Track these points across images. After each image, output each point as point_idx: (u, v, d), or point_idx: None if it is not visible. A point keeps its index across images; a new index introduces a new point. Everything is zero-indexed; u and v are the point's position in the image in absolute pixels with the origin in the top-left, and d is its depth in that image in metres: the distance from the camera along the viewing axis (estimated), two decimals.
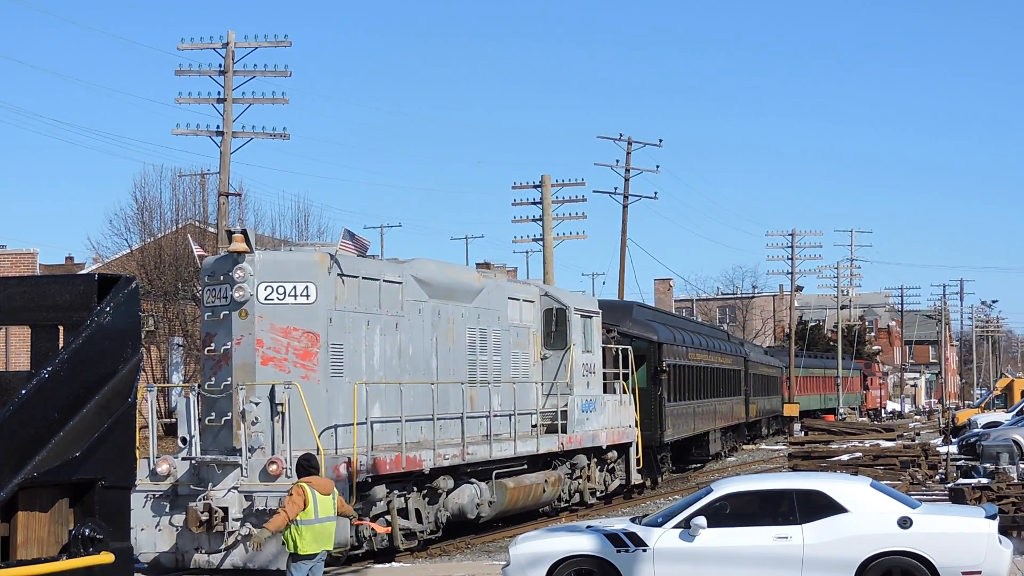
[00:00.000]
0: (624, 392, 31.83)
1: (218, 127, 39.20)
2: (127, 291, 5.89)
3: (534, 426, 27.37)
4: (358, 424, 20.42)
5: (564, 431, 27.83)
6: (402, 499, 21.96)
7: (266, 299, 20.23)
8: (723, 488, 15.85)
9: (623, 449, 31.88)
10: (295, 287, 20.41)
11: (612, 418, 30.74)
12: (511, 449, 25.34)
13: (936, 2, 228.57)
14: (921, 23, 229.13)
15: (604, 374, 31.10)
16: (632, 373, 32.27)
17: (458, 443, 23.40)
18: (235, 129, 39.13)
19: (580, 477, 29.40)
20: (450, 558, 23.29)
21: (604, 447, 30.10)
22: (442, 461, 22.47)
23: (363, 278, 21.73)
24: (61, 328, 5.86)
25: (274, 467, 19.28)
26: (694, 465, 45.41)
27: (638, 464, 32.53)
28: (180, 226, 51.31)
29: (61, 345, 5.79)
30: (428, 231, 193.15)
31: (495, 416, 25.37)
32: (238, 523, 19.51)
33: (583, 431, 28.83)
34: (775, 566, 14.89)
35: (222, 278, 20.33)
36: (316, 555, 14.40)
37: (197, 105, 39.75)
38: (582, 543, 15.55)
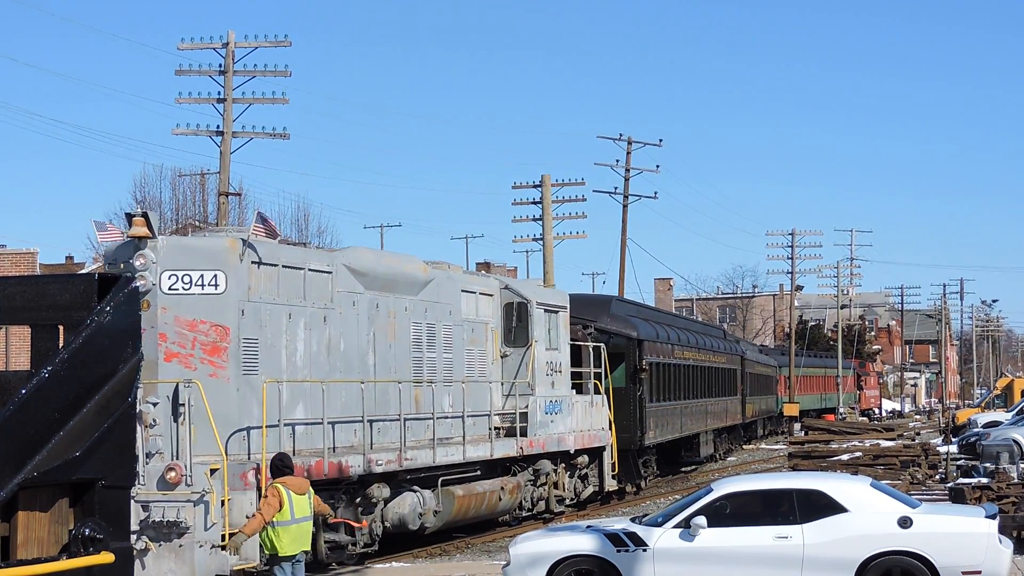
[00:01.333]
0: (597, 392, 30.04)
1: (218, 127, 39.19)
2: (127, 291, 5.89)
3: (493, 429, 25.34)
4: (272, 426, 18.53)
5: (524, 434, 25.88)
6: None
7: (170, 289, 18.32)
8: (723, 488, 15.84)
9: (597, 453, 30.05)
10: (202, 276, 18.50)
11: (582, 420, 28.85)
12: (459, 454, 23.36)
13: (936, 3, 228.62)
14: (921, 23, 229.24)
15: (575, 373, 29.26)
16: (605, 372, 30.37)
17: (396, 447, 21.51)
18: (235, 129, 39.12)
19: (545, 484, 27.48)
20: (450, 558, 23.29)
21: (572, 451, 28.23)
22: (375, 467, 20.53)
23: (284, 267, 19.84)
24: (61, 328, 5.87)
25: (172, 474, 17.21)
26: (686, 468, 44.16)
27: (613, 469, 30.60)
28: (180, 226, 51.35)
29: (61, 345, 5.78)
30: (428, 231, 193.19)
31: (445, 418, 23.62)
32: (133, 536, 17.01)
33: (547, 434, 26.90)
34: (775, 566, 14.89)
35: (122, 266, 18.29)
36: (295, 556, 14.36)
37: (197, 105, 39.76)
38: (582, 543, 15.55)
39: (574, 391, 28.85)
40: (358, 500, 20.65)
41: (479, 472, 24.50)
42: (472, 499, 23.65)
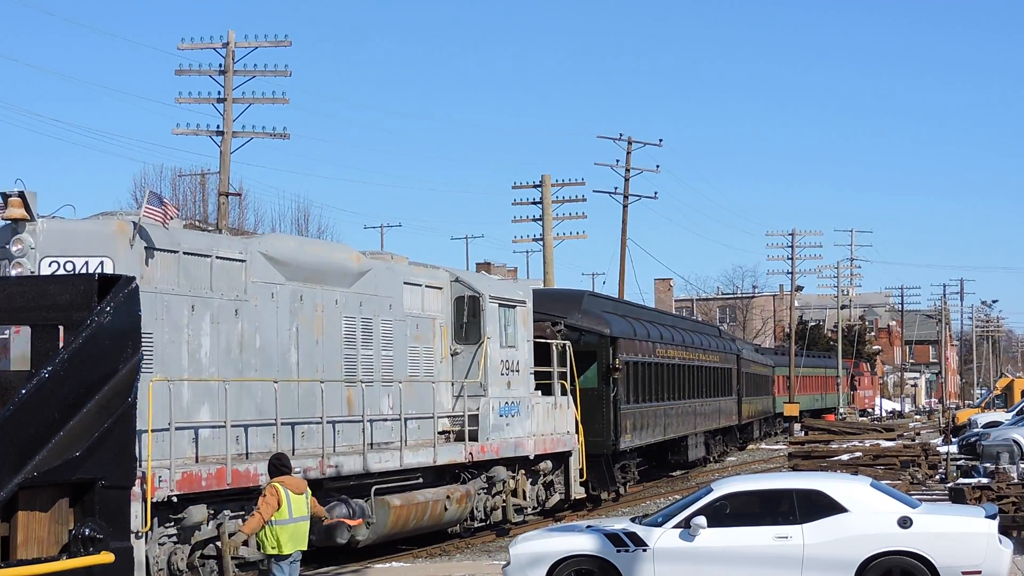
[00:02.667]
0: (564, 393, 28.22)
1: (218, 127, 39.22)
2: (127, 291, 5.89)
3: (442, 433, 23.62)
4: (162, 430, 16.67)
5: (475, 438, 23.94)
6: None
7: None
8: (723, 488, 15.85)
9: (563, 459, 28.21)
10: (87, 263, 16.73)
11: (544, 423, 26.77)
12: (396, 460, 21.45)
13: (937, 3, 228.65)
14: (921, 24, 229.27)
15: (542, 374, 27.43)
16: (572, 371, 28.61)
17: (317, 453, 19.65)
18: (235, 129, 39.15)
19: (501, 492, 25.48)
20: (450, 558, 23.28)
21: (532, 457, 26.23)
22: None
23: (186, 254, 17.91)
24: (61, 328, 5.87)
25: None
26: (676, 473, 42.80)
27: (581, 475, 28.68)
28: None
29: (61, 345, 5.79)
30: (428, 231, 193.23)
31: (380, 420, 21.83)
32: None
33: (501, 438, 24.74)
34: (775, 566, 14.89)
35: None
36: (291, 555, 14.38)
37: (197, 105, 39.80)
38: (582, 543, 15.55)
39: (540, 392, 27.08)
40: None
41: (421, 480, 22.64)
42: (412, 509, 21.55)
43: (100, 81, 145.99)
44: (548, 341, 27.78)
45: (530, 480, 26.74)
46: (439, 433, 23.43)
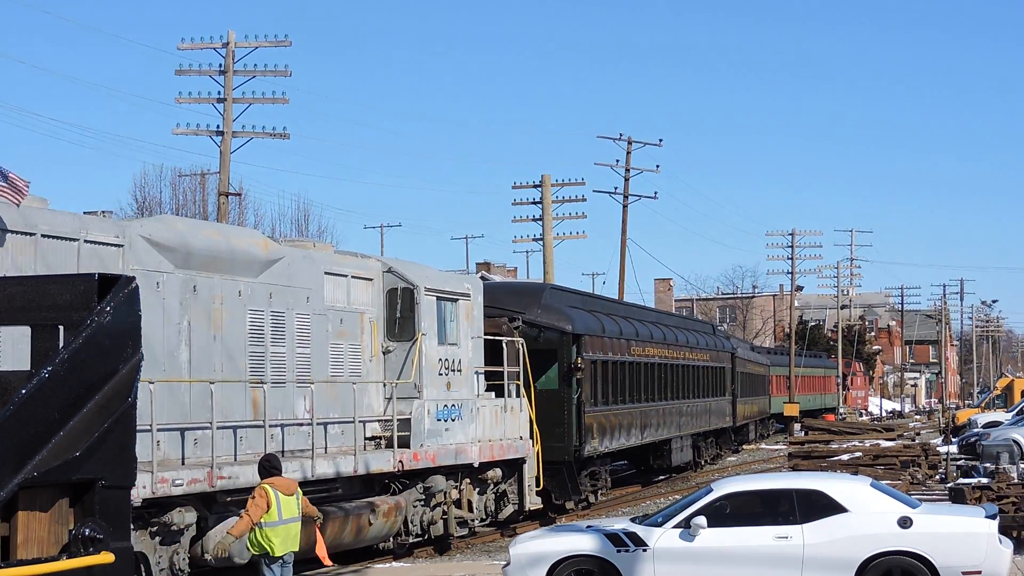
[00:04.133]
0: (517, 395, 25.95)
1: (218, 127, 39.21)
2: (127, 291, 5.89)
3: (372, 438, 21.51)
4: None
5: (408, 445, 21.57)
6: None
7: None
8: (723, 488, 15.85)
9: (516, 466, 25.94)
10: None
11: (491, 428, 24.43)
12: (305, 470, 18.90)
13: (937, 3, 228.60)
14: (921, 25, 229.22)
15: (493, 374, 25.26)
16: (525, 371, 26.29)
17: (207, 463, 17.15)
18: (235, 129, 39.15)
19: (443, 503, 23.11)
20: (450, 558, 23.27)
21: (477, 464, 23.80)
22: (169, 488, 16.13)
23: (45, 236, 15.84)
24: (61, 328, 5.87)
25: None
26: (661, 478, 40.73)
27: (537, 484, 26.40)
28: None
29: (61, 345, 5.79)
30: (428, 231, 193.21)
31: (300, 426, 19.69)
32: None
33: (439, 445, 22.40)
34: (775, 566, 14.89)
35: None
36: (283, 557, 14.37)
37: (197, 105, 39.79)
38: (582, 543, 15.55)
39: (492, 393, 24.96)
40: (155, 528, 16.39)
41: (340, 491, 20.26)
42: (328, 524, 18.73)
43: (100, 81, 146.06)
44: (494, 338, 25.47)
45: (478, 490, 24.43)
46: (369, 439, 21.33)
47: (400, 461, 21.25)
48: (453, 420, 23.03)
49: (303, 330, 20.12)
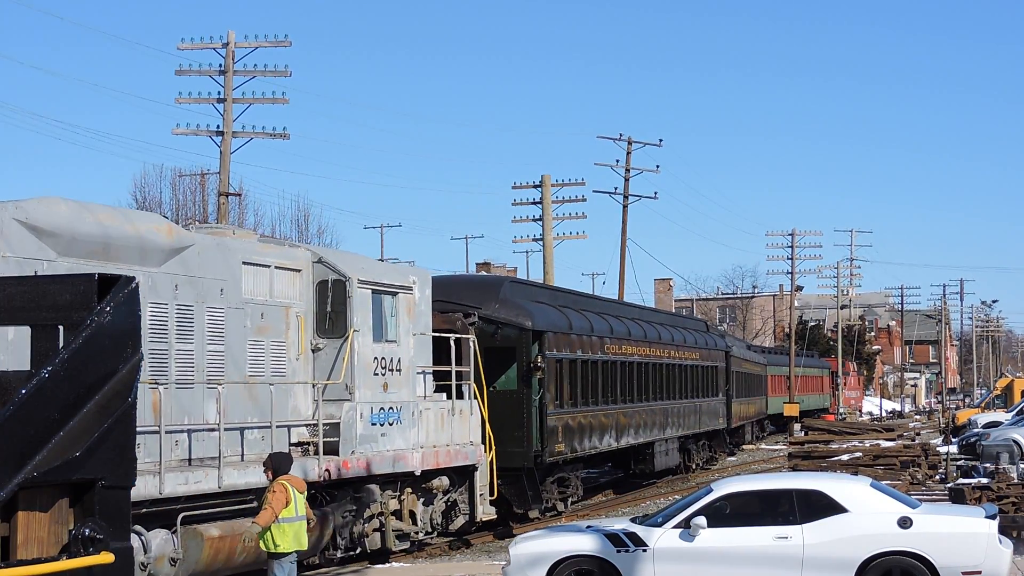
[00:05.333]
0: (467, 397, 23.95)
1: (218, 127, 39.22)
2: (127, 291, 5.89)
3: (299, 444, 19.66)
4: None
5: (337, 451, 19.67)
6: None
7: None
8: (723, 488, 15.85)
9: (467, 474, 23.86)
10: None
11: (436, 433, 22.43)
12: (211, 480, 16.98)
13: (937, 3, 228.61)
14: (921, 24, 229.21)
15: (445, 375, 23.30)
16: (476, 370, 24.30)
17: None
18: (235, 129, 39.15)
19: (381, 514, 21.19)
20: (450, 558, 23.26)
21: (419, 472, 21.78)
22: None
23: None
24: (61, 328, 5.87)
25: None
26: (649, 482, 38.97)
27: (491, 492, 24.37)
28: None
29: (61, 345, 5.79)
30: (428, 231, 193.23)
31: (212, 431, 17.62)
32: None
33: (373, 451, 20.39)
34: (775, 566, 14.90)
35: None
36: (290, 554, 14.46)
37: (197, 105, 39.80)
38: (582, 543, 15.55)
39: (443, 395, 23.12)
40: None
41: (255, 504, 17.45)
42: (237, 541, 16.45)
43: (100, 81, 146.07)
44: (442, 335, 23.52)
45: (422, 500, 22.44)
46: (295, 445, 19.54)
47: (327, 470, 19.18)
48: (391, 424, 20.99)
49: (215, 325, 18.22)
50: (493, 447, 24.55)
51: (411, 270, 23.52)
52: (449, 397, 23.14)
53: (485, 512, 24.12)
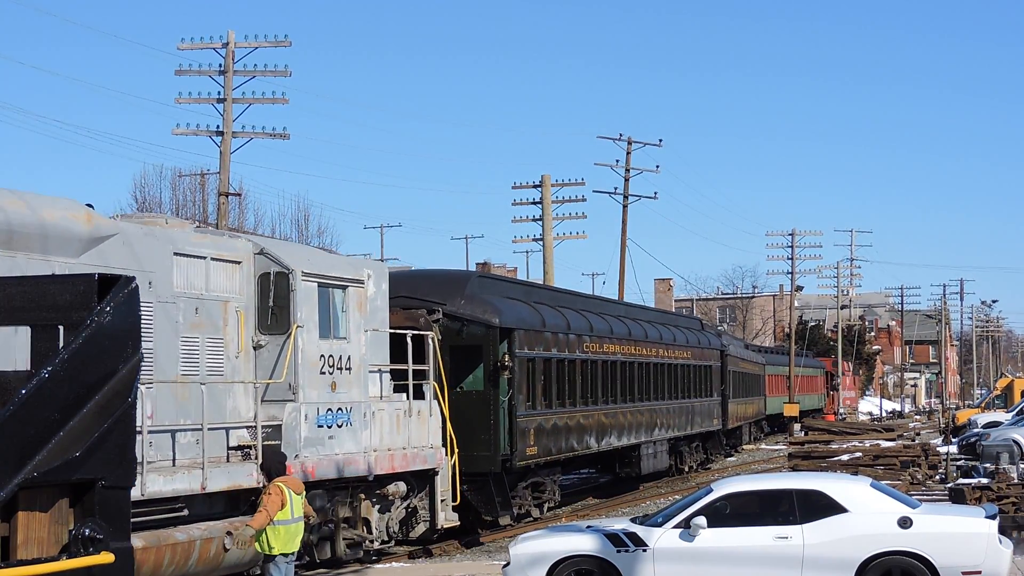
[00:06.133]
0: (425, 397, 22.47)
1: (218, 127, 39.22)
2: (127, 291, 5.89)
3: (240, 448, 18.26)
4: None
5: None
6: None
7: None
8: (723, 488, 15.85)
9: (427, 479, 22.47)
10: None
11: (391, 435, 21.00)
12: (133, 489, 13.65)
13: (937, 4, 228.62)
14: (921, 23, 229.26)
15: (409, 374, 21.87)
16: (436, 369, 22.87)
17: None
18: (235, 129, 39.15)
19: (330, 522, 19.88)
20: (450, 558, 23.26)
21: (371, 477, 20.40)
22: None
23: None
24: (61, 328, 5.87)
25: None
26: (646, 486, 37.70)
27: (454, 498, 23.01)
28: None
29: (61, 345, 5.79)
30: (428, 231, 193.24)
31: (142, 434, 15.80)
32: None
33: (320, 455, 19.09)
34: (775, 566, 14.90)
35: None
36: (289, 555, 14.46)
37: (197, 105, 39.80)
38: (582, 543, 15.55)
39: (403, 396, 21.76)
40: None
41: (185, 512, 16.77)
42: (166, 552, 15.84)
43: (100, 81, 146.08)
44: (416, 332, 22.39)
45: (378, 507, 21.16)
46: (235, 449, 18.22)
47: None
48: (339, 426, 19.64)
49: (145, 322, 16.08)
50: (455, 450, 23.16)
51: (365, 263, 22.36)
52: (413, 397, 21.90)
53: (447, 519, 22.77)
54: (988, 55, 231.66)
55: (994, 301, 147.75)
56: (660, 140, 56.54)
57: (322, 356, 19.43)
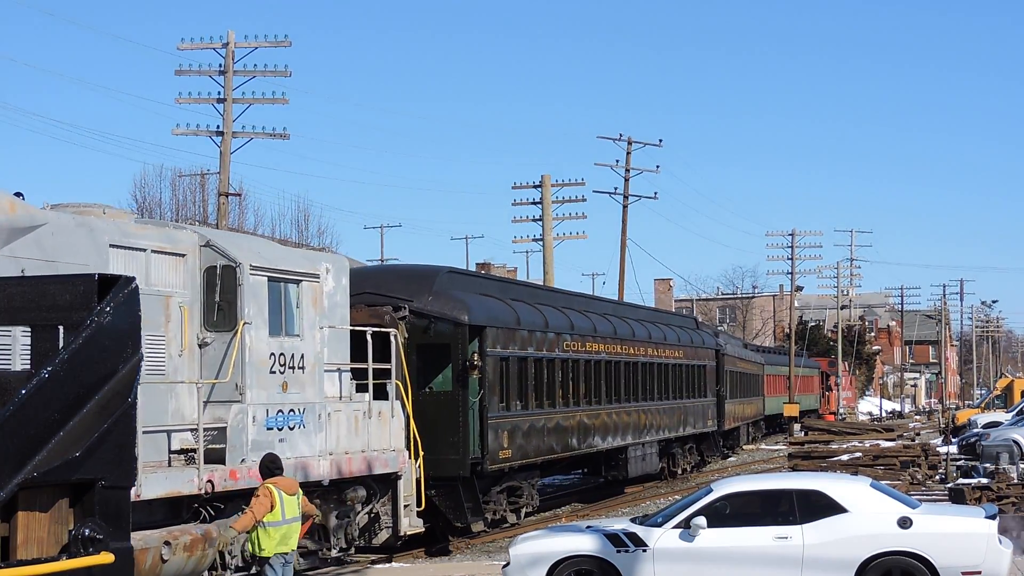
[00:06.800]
0: (388, 398, 21.33)
1: (218, 127, 39.22)
2: (127, 291, 5.90)
3: (183, 452, 17.07)
4: None
5: (224, 460, 17.16)
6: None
7: None
8: (723, 488, 15.86)
9: (390, 484, 21.13)
10: None
11: (349, 437, 19.85)
12: None
13: (937, 4, 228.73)
14: (921, 21, 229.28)
15: (375, 372, 20.71)
16: (399, 368, 21.73)
17: None
18: (235, 129, 39.15)
19: None
20: (450, 558, 23.26)
21: (327, 482, 19.20)
22: None
23: None
24: (61, 328, 5.88)
25: None
26: (634, 489, 36.63)
27: (419, 503, 21.84)
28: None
29: (61, 345, 5.79)
30: (428, 231, 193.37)
31: None
32: None
33: None
34: (775, 566, 14.90)
35: None
36: (285, 556, 14.44)
37: (197, 105, 39.80)
38: (582, 543, 15.56)
39: (364, 396, 20.64)
40: None
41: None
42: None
43: (100, 81, 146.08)
44: (377, 329, 21.28)
45: (336, 513, 20.01)
46: (178, 452, 17.08)
47: (209, 481, 16.47)
48: (291, 428, 18.44)
49: None
50: (421, 453, 21.94)
51: (323, 256, 21.18)
52: (378, 398, 20.88)
53: (412, 525, 21.55)
54: (988, 55, 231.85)
55: (994, 301, 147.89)
56: (660, 140, 56.60)
57: (272, 354, 18.32)
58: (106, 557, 5.65)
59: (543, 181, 49.38)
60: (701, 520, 15.11)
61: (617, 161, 56.00)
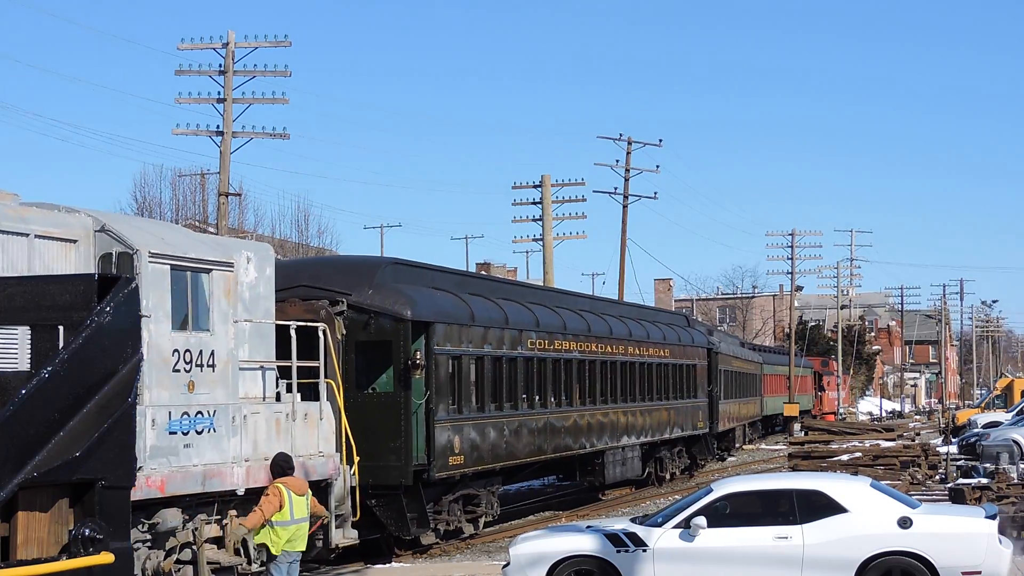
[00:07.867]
0: (315, 396, 19.68)
1: (218, 127, 39.21)
2: (127, 291, 5.90)
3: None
4: None
5: None
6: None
7: None
8: (723, 488, 15.85)
9: (320, 492, 19.25)
10: None
11: (269, 442, 18.07)
12: None
13: (937, 5, 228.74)
14: (921, 20, 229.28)
15: (270, 369, 18.78)
16: (328, 366, 20.03)
17: None
18: (235, 129, 39.13)
19: (194, 543, 16.88)
20: (450, 558, 23.25)
21: (243, 491, 17.43)
22: None
23: None
24: (61, 328, 5.88)
25: None
26: (612, 497, 34.86)
27: (355, 514, 20.37)
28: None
29: (61, 345, 5.79)
30: (428, 231, 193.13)
31: None
32: None
33: (173, 466, 16.23)
34: (775, 566, 14.90)
35: None
36: (292, 555, 14.49)
37: (197, 105, 39.78)
38: (582, 543, 15.55)
39: (298, 396, 19.09)
40: None
41: None
42: None
43: (100, 81, 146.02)
44: (302, 324, 19.64)
45: None
46: None
47: None
48: (199, 433, 16.83)
49: None
50: (356, 458, 20.35)
51: (242, 243, 19.46)
52: (309, 399, 19.53)
53: (345, 536, 20.05)
54: (987, 56, 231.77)
55: (994, 301, 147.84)
56: (660, 140, 56.60)
57: (176, 351, 16.68)
58: (106, 557, 5.65)
59: (543, 181, 49.36)
60: (701, 520, 15.11)
61: (617, 161, 56.02)
